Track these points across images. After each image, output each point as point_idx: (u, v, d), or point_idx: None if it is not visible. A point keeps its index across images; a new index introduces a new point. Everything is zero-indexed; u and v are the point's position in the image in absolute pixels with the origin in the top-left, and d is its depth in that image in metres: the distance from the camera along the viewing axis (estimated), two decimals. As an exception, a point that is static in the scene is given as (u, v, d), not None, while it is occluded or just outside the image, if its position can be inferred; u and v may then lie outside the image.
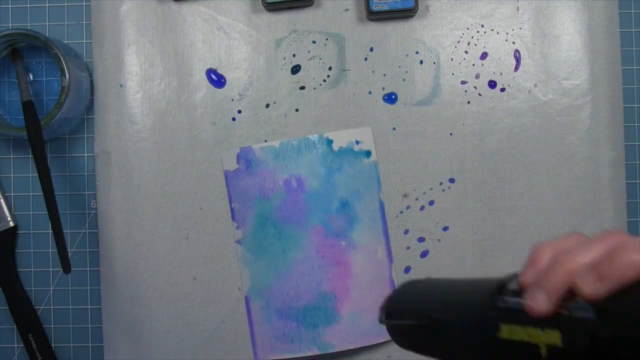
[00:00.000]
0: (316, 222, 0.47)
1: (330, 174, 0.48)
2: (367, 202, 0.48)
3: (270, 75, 0.53)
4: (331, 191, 0.47)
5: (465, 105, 0.52)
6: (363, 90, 0.53)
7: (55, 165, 0.54)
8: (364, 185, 0.48)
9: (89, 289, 0.54)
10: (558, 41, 0.52)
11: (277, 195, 0.48)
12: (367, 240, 0.48)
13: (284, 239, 0.48)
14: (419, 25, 0.53)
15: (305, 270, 0.47)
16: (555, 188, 0.52)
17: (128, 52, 0.53)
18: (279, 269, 0.47)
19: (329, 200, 0.47)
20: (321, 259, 0.47)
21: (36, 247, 0.54)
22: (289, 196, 0.47)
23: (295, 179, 0.48)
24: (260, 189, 0.48)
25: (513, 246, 0.52)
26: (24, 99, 0.49)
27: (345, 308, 0.46)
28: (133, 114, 0.53)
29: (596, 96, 0.52)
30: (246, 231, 0.49)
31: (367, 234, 0.48)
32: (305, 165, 0.47)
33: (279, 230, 0.48)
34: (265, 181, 0.48)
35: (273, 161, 0.48)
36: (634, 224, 0.53)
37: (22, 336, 0.53)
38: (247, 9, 0.53)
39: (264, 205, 0.48)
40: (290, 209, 0.48)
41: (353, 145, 0.49)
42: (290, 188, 0.47)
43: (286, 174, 0.48)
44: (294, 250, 0.47)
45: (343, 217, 0.48)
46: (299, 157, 0.48)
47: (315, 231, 0.47)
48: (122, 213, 0.52)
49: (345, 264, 0.47)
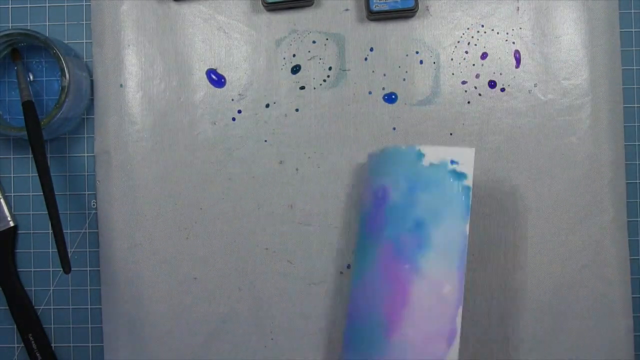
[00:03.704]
0: (389, 237, 0.43)
1: (412, 190, 0.43)
2: (446, 230, 0.43)
3: (270, 75, 0.53)
4: (408, 208, 0.43)
5: (465, 105, 0.52)
6: (363, 90, 0.53)
7: (55, 165, 0.54)
8: (449, 211, 0.43)
9: (89, 289, 0.54)
10: (558, 41, 0.52)
11: (368, 204, 0.46)
12: (435, 271, 0.42)
13: (364, 247, 0.45)
14: (419, 25, 0.53)
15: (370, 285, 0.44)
16: (555, 188, 0.52)
17: (128, 52, 0.53)
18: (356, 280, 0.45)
19: (404, 217, 0.43)
20: (384, 277, 0.43)
21: (36, 247, 0.54)
22: (374, 207, 0.45)
23: (383, 190, 0.45)
24: (363, 197, 0.47)
25: (513, 246, 0.52)
26: (24, 99, 0.49)
27: (395, 338, 0.42)
28: (133, 114, 0.53)
29: (596, 96, 0.52)
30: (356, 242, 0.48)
31: (437, 264, 0.42)
32: (392, 175, 0.44)
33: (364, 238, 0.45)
34: (365, 191, 0.47)
35: (371, 168, 0.47)
36: (634, 224, 0.53)
37: (22, 336, 0.53)
38: (247, 9, 0.53)
39: (362, 212, 0.47)
40: (374, 219, 0.45)
41: (447, 164, 0.43)
42: (376, 199, 0.45)
43: (377, 184, 0.45)
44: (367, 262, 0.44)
45: (414, 238, 0.43)
46: (388, 167, 0.45)
47: (386, 247, 0.44)
48: (122, 213, 0.52)
49: (404, 289, 0.42)
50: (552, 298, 0.52)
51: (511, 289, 0.52)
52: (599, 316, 0.51)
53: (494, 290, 0.52)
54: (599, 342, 0.52)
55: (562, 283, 0.52)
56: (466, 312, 0.52)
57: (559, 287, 0.52)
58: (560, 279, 0.52)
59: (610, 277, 0.51)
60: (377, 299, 0.43)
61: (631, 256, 0.52)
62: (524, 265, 0.52)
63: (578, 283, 0.52)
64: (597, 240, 0.52)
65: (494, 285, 0.52)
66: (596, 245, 0.52)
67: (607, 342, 0.51)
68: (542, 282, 0.52)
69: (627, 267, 0.52)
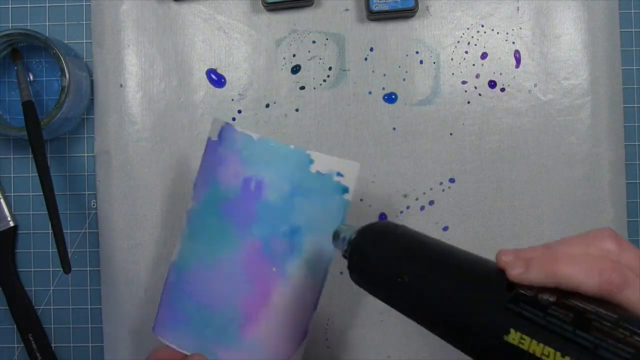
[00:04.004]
0: (258, 235, 0.41)
1: (293, 194, 0.42)
2: (319, 240, 0.42)
3: (270, 75, 0.53)
4: (287, 212, 0.41)
5: (465, 105, 0.52)
6: (363, 90, 0.53)
7: (55, 165, 0.54)
8: (324, 222, 0.42)
9: (89, 289, 0.54)
10: (558, 41, 0.52)
11: (233, 189, 0.42)
12: (301, 278, 0.42)
13: (221, 235, 0.42)
14: (419, 25, 0.53)
15: (226, 276, 0.42)
16: (555, 188, 0.52)
17: (128, 52, 0.53)
18: (203, 260, 0.42)
19: (280, 220, 0.42)
20: (246, 273, 0.41)
21: (36, 247, 0.54)
22: (242, 196, 0.42)
23: (256, 182, 0.42)
24: (222, 173, 0.42)
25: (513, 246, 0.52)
26: (24, 99, 0.49)
27: (249, 334, 0.41)
28: (133, 114, 0.53)
29: (596, 96, 0.52)
30: (195, 206, 0.44)
31: (304, 272, 0.42)
32: (273, 172, 0.41)
33: (220, 224, 0.42)
34: (230, 169, 0.42)
35: (245, 152, 0.42)
36: (634, 224, 0.53)
37: (22, 336, 0.53)
38: (247, 9, 0.53)
39: (218, 192, 0.42)
40: (239, 210, 0.42)
41: (333, 175, 0.42)
42: (247, 189, 0.42)
43: (250, 172, 0.42)
44: (224, 251, 0.42)
45: (287, 243, 0.42)
46: (271, 162, 0.42)
47: (253, 244, 0.41)
48: (122, 213, 0.52)
49: (265, 291, 0.42)
50: (552, 298, 0.52)
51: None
52: (599, 316, 0.51)
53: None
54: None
55: (562, 283, 0.52)
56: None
57: (559, 287, 0.52)
58: (560, 279, 0.52)
59: (610, 277, 0.51)
60: (233, 292, 0.42)
61: (631, 256, 0.52)
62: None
63: (578, 283, 0.52)
64: (597, 240, 0.52)
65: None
66: (596, 245, 0.51)
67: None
68: (542, 282, 0.52)
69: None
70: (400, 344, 0.52)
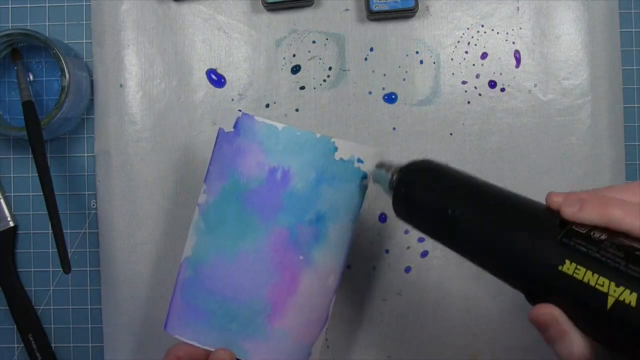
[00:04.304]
0: (284, 224, 0.42)
1: (319, 182, 0.42)
2: (341, 225, 0.43)
3: (270, 75, 0.53)
4: (313, 200, 0.42)
5: (465, 105, 0.52)
6: (363, 90, 0.53)
7: (55, 165, 0.54)
8: (346, 208, 0.43)
9: (89, 289, 0.54)
10: (558, 41, 0.52)
11: (256, 179, 0.42)
12: (325, 264, 0.43)
13: (243, 226, 0.42)
14: (419, 25, 0.53)
15: (251, 267, 0.42)
16: (555, 188, 0.52)
17: (128, 52, 0.53)
18: (224, 253, 0.42)
19: (307, 208, 0.42)
20: (273, 263, 0.42)
21: (36, 247, 0.54)
22: (267, 186, 0.42)
23: (282, 172, 0.42)
24: (243, 164, 0.42)
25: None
26: (24, 99, 0.49)
27: (277, 324, 0.42)
28: (133, 114, 0.53)
29: (596, 96, 0.52)
30: (210, 199, 0.43)
31: (328, 258, 0.43)
32: (299, 161, 0.42)
33: (242, 215, 0.42)
34: (251, 160, 0.42)
35: (268, 142, 0.42)
36: (634, 224, 0.53)
37: (22, 336, 0.53)
38: (247, 9, 0.53)
39: (239, 183, 0.42)
40: (264, 199, 0.42)
41: (354, 161, 0.43)
42: (273, 179, 0.42)
43: (275, 162, 0.42)
44: (248, 242, 0.42)
45: (313, 230, 0.42)
46: (296, 151, 0.42)
47: (280, 233, 0.42)
48: (122, 213, 0.52)
49: (294, 278, 0.42)
50: (552, 298, 0.52)
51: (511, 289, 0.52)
52: (599, 316, 0.51)
53: (494, 290, 0.52)
54: (599, 342, 0.52)
55: (562, 283, 0.52)
56: (466, 312, 0.52)
57: (559, 287, 0.52)
58: (560, 279, 0.52)
59: (610, 277, 0.51)
60: (260, 283, 0.41)
61: (631, 256, 0.52)
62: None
63: (578, 283, 0.52)
64: (597, 240, 0.52)
65: (493, 284, 0.52)
66: (596, 245, 0.51)
67: (607, 342, 0.51)
68: (542, 282, 0.52)
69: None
70: (400, 344, 0.52)
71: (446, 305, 0.52)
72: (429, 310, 0.52)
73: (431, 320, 0.52)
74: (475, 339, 0.52)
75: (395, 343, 0.52)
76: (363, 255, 0.52)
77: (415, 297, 0.52)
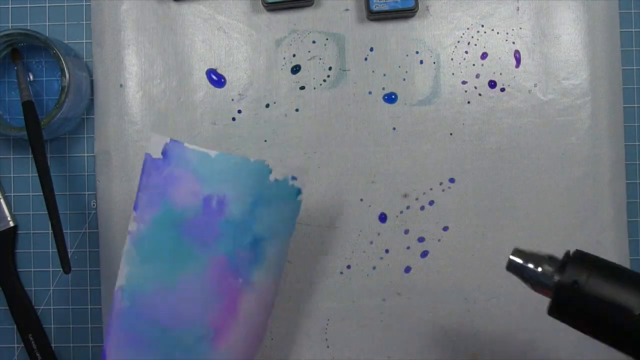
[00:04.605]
0: (222, 250, 0.41)
1: (255, 206, 0.42)
2: (278, 245, 0.43)
3: (270, 75, 0.53)
4: (250, 224, 0.42)
5: (465, 105, 0.52)
6: (363, 90, 0.53)
7: (55, 165, 0.54)
8: (283, 226, 0.43)
9: (89, 289, 0.54)
10: (558, 41, 0.52)
11: (191, 209, 0.41)
12: (264, 282, 0.43)
13: (181, 255, 0.41)
14: (419, 25, 0.53)
15: (191, 293, 0.41)
16: (555, 188, 0.52)
17: (128, 52, 0.53)
18: (163, 282, 0.41)
19: (244, 233, 0.42)
20: (211, 289, 0.41)
21: (36, 247, 0.54)
22: (204, 216, 0.41)
23: (218, 200, 0.41)
24: (175, 193, 0.41)
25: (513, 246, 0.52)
26: (24, 99, 0.49)
27: (220, 346, 0.42)
28: (133, 114, 0.53)
29: (596, 96, 0.52)
30: (142, 228, 0.42)
31: (267, 277, 0.43)
32: (235, 188, 0.41)
33: (179, 245, 0.41)
34: (184, 189, 0.41)
35: (202, 170, 0.41)
36: (634, 224, 0.53)
37: (22, 336, 0.53)
38: (247, 9, 0.53)
39: (173, 212, 0.41)
40: (201, 229, 0.41)
41: (289, 180, 0.42)
42: (209, 207, 0.41)
43: (210, 190, 0.41)
44: (187, 269, 0.41)
45: (251, 254, 0.42)
46: (231, 177, 0.41)
47: (218, 260, 0.41)
48: (122, 213, 0.52)
49: (233, 302, 0.42)
50: (552, 298, 0.52)
51: (511, 289, 0.52)
52: (599, 316, 0.51)
53: (493, 290, 0.52)
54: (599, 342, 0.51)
55: (562, 283, 0.52)
56: (466, 312, 0.52)
57: (559, 287, 0.52)
58: (560, 279, 0.52)
59: (610, 277, 0.51)
60: (201, 309, 0.41)
61: (631, 256, 0.52)
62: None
63: (578, 283, 0.52)
64: (597, 240, 0.52)
65: (493, 285, 0.52)
66: (596, 245, 0.52)
67: (607, 342, 0.51)
68: (542, 282, 0.52)
69: (627, 267, 0.52)
70: (400, 344, 0.52)
71: (446, 305, 0.52)
72: (429, 310, 0.52)
73: (431, 320, 0.52)
74: (475, 339, 0.52)
75: (395, 343, 0.52)
76: (363, 255, 0.52)
77: (415, 297, 0.52)
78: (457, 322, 0.52)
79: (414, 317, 0.52)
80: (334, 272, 0.52)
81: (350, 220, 0.52)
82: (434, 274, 0.52)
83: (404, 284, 0.52)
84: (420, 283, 0.52)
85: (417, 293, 0.52)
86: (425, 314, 0.52)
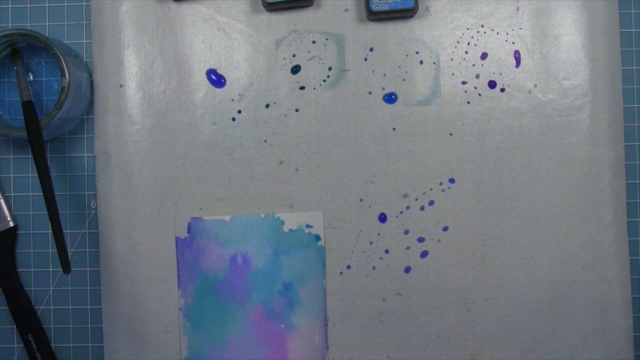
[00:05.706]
0: (257, 301, 0.48)
1: (277, 255, 0.49)
2: (310, 287, 0.49)
3: (270, 75, 0.53)
4: (276, 272, 0.49)
5: (465, 105, 0.52)
6: (363, 90, 0.53)
7: (55, 165, 0.54)
8: (310, 269, 0.49)
9: (89, 289, 0.54)
10: (558, 41, 0.52)
11: (221, 270, 0.49)
12: (306, 325, 0.49)
13: (223, 313, 0.49)
14: (419, 25, 0.53)
15: (242, 347, 0.48)
16: (555, 188, 0.52)
17: (128, 52, 0.53)
18: (215, 342, 0.48)
19: (273, 281, 0.49)
20: (258, 338, 0.48)
21: (36, 247, 0.54)
22: (233, 273, 0.49)
23: (242, 256, 0.49)
24: (206, 262, 0.49)
25: (513, 246, 0.52)
26: (24, 99, 0.49)
27: None
28: (133, 114, 0.53)
29: (596, 96, 0.52)
30: (188, 301, 0.50)
31: (307, 319, 0.49)
32: (253, 243, 0.49)
33: (219, 305, 0.49)
34: (211, 255, 0.49)
35: (222, 235, 0.49)
36: (634, 224, 0.53)
37: (22, 336, 0.53)
38: (247, 9, 0.53)
39: (208, 279, 0.49)
40: (233, 285, 0.49)
41: (303, 228, 0.49)
42: (235, 265, 0.49)
43: (233, 250, 0.49)
44: (232, 326, 0.48)
45: (285, 299, 0.49)
46: (248, 234, 0.49)
47: (256, 310, 0.48)
48: (122, 213, 0.52)
49: (282, 347, 0.48)
50: (552, 298, 0.52)
51: (511, 289, 0.52)
52: (598, 316, 0.51)
53: (494, 289, 0.52)
54: (599, 342, 0.52)
55: (562, 283, 0.52)
56: (466, 312, 0.52)
57: (558, 287, 0.52)
58: (560, 279, 0.52)
59: (610, 277, 0.52)
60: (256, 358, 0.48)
61: (631, 256, 0.52)
62: (523, 265, 0.52)
63: (578, 283, 0.52)
64: (597, 240, 0.52)
65: (493, 285, 0.52)
66: (596, 245, 0.52)
67: (607, 342, 0.52)
68: (542, 282, 0.52)
69: (627, 267, 0.52)
70: (400, 344, 0.52)
71: (446, 305, 0.52)
72: (428, 310, 0.52)
73: (431, 320, 0.52)
74: (475, 339, 0.52)
75: (395, 343, 0.52)
76: (363, 255, 0.52)
77: (415, 297, 0.52)
78: (456, 322, 0.52)
79: (414, 317, 0.52)
80: (334, 273, 0.52)
81: (350, 220, 0.52)
82: (434, 274, 0.52)
83: (404, 284, 0.52)
84: (420, 283, 0.52)
85: (417, 293, 0.52)
86: (425, 314, 0.52)
